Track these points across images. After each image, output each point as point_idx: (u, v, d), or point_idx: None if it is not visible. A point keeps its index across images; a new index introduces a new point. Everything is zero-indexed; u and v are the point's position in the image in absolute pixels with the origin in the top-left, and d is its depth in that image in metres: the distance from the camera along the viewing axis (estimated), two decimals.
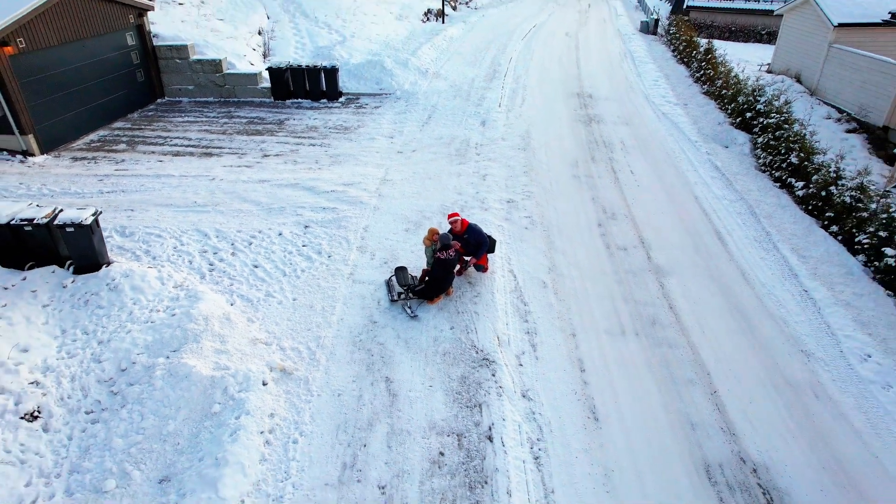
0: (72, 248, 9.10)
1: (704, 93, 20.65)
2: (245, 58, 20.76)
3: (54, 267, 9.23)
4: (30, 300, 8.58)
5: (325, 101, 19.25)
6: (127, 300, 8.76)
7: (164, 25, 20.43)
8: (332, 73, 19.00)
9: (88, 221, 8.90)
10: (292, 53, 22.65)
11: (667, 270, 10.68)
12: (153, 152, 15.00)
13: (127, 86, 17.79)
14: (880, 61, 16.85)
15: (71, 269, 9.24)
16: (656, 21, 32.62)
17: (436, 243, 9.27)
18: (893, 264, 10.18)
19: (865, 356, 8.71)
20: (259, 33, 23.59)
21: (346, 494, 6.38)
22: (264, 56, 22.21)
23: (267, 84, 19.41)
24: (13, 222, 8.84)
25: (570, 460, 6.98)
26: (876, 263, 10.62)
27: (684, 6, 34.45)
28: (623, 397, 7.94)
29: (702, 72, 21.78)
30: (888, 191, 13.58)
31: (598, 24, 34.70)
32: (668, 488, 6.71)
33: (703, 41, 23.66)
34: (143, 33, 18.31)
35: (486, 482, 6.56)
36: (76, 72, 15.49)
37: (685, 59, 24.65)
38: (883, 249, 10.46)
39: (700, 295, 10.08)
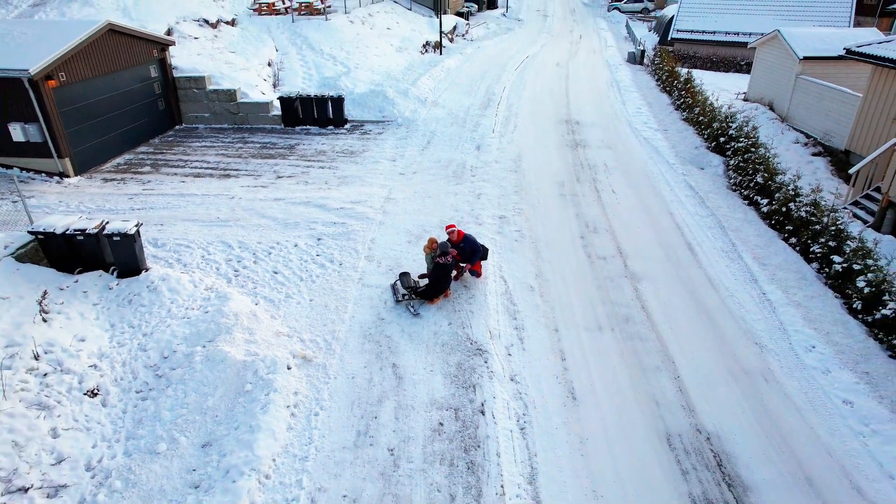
0: (117, 255, 10.39)
1: (683, 119, 22.24)
2: (257, 88, 22.33)
3: (100, 272, 10.50)
4: (82, 299, 9.83)
5: (331, 127, 20.76)
6: (165, 300, 10.02)
7: (182, 58, 22.02)
8: (338, 101, 20.55)
9: (132, 231, 10.21)
10: (300, 83, 24.25)
11: (641, 276, 11.99)
12: (176, 174, 16.40)
13: (149, 114, 19.28)
14: (840, 91, 18.45)
15: (115, 273, 10.52)
16: (642, 52, 34.52)
17: (435, 251, 10.58)
18: (840, 270, 11.52)
19: (810, 347, 9.98)
20: (269, 65, 25.24)
21: (360, 455, 7.58)
22: (274, 86, 23.81)
23: (278, 112, 20.93)
24: (68, 232, 10.14)
25: (550, 430, 8.20)
26: (826, 270, 11.95)
27: (669, 38, 36.39)
28: (598, 381, 9.17)
29: (682, 100, 23.42)
30: (845, 207, 15.03)
31: (588, 55, 36.57)
32: (634, 452, 7.92)
33: (684, 71, 25.39)
34: (164, 66, 19.89)
35: (478, 446, 7.77)
36: (106, 101, 16.97)
37: (667, 88, 26.34)
38: (832, 257, 11.82)
39: (670, 297, 11.37)
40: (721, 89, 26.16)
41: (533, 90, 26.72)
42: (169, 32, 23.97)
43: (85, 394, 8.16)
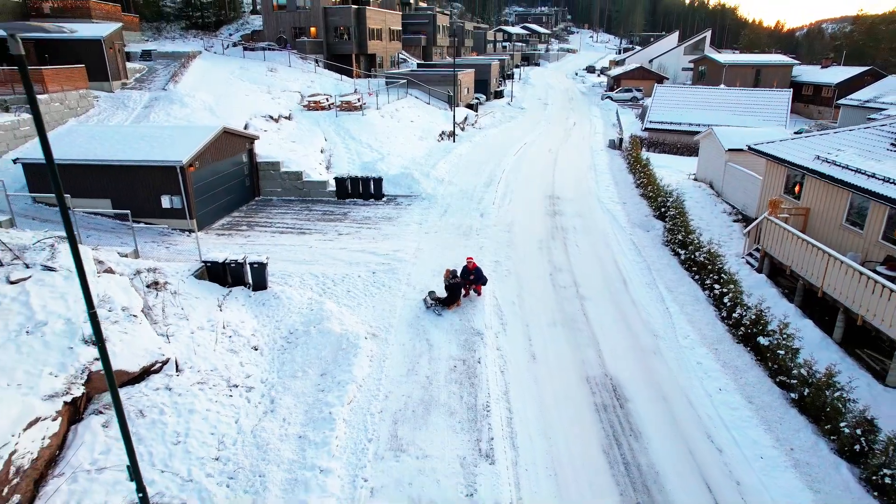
0: (253, 277, 16.71)
1: (640, 194, 28.83)
2: (315, 170, 29.37)
3: (242, 287, 16.78)
4: (235, 301, 16.07)
5: (372, 200, 27.55)
6: (285, 303, 16.23)
7: (259, 147, 29.24)
8: (378, 181, 27.46)
9: (265, 262, 16.57)
10: (346, 166, 31.35)
11: (587, 297, 18.07)
12: (266, 231, 23.01)
13: (240, 188, 26.21)
14: (751, 175, 25.02)
15: (251, 288, 16.79)
16: (621, 140, 41.81)
17: (450, 276, 16.81)
18: (719, 293, 17.54)
19: (686, 336, 15.90)
20: (321, 151, 32.52)
21: (410, 379, 13.56)
22: (327, 168, 30.91)
23: (332, 188, 27.83)
24: (226, 261, 16.52)
25: (518, 374, 14.12)
26: (712, 294, 17.98)
27: (643, 128, 43.83)
28: (550, 351, 15.12)
29: (641, 179, 30.12)
30: (743, 257, 21.11)
31: (578, 141, 43.92)
32: (565, 384, 13.79)
33: (645, 156, 32.25)
34: (251, 154, 27.05)
35: (476, 377, 13.71)
36: (216, 180, 23.87)
37: (633, 170, 33.17)
38: (714, 286, 17.88)
39: (604, 310, 17.39)
40: (679, 170, 33.09)
41: (527, 172, 33.68)
42: (245, 126, 31.49)
43: (251, 348, 14.27)
